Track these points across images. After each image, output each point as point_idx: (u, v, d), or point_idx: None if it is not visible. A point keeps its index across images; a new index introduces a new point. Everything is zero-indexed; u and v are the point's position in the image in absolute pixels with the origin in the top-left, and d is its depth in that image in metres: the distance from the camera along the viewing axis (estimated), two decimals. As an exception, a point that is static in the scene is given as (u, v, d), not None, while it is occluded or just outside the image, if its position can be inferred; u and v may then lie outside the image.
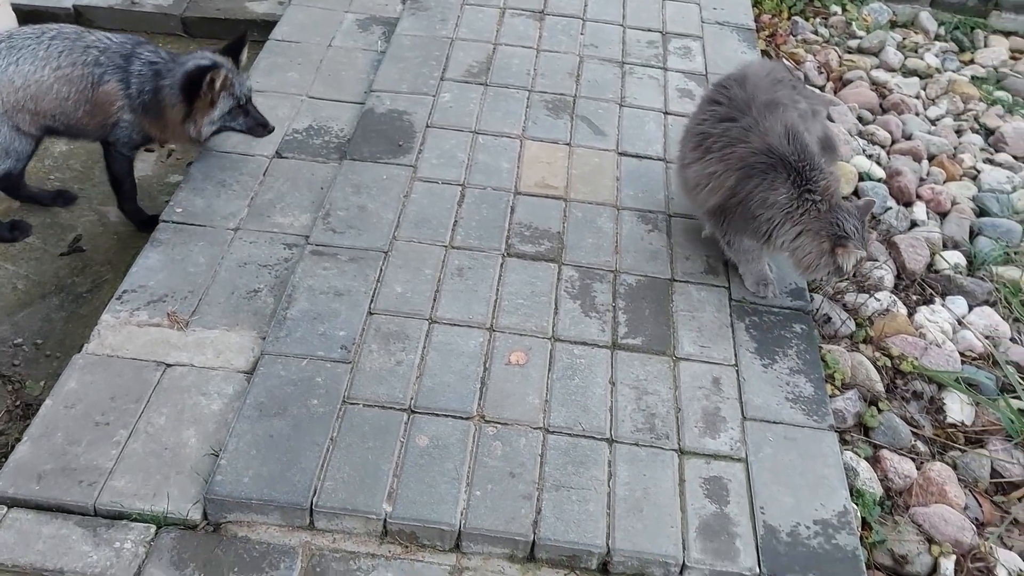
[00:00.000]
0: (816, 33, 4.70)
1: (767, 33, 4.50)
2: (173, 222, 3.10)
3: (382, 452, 2.38)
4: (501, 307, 2.84)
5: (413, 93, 3.70)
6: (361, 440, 2.41)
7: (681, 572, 2.26)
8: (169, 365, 2.62)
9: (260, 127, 3.22)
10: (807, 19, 4.79)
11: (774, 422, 2.59)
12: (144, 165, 3.64)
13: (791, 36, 4.61)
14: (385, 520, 2.26)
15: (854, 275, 3.03)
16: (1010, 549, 2.51)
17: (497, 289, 2.90)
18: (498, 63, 3.92)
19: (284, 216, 3.16)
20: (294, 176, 3.32)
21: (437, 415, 2.50)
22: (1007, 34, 4.95)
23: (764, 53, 4.28)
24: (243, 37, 3.20)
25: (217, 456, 2.36)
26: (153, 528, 2.24)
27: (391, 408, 2.50)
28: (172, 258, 2.96)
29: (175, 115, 3.06)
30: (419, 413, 2.50)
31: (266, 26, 4.20)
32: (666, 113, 3.76)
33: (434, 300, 2.83)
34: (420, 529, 2.26)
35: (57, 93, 2.99)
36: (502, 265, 3.00)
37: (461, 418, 2.50)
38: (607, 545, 2.25)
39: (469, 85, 3.75)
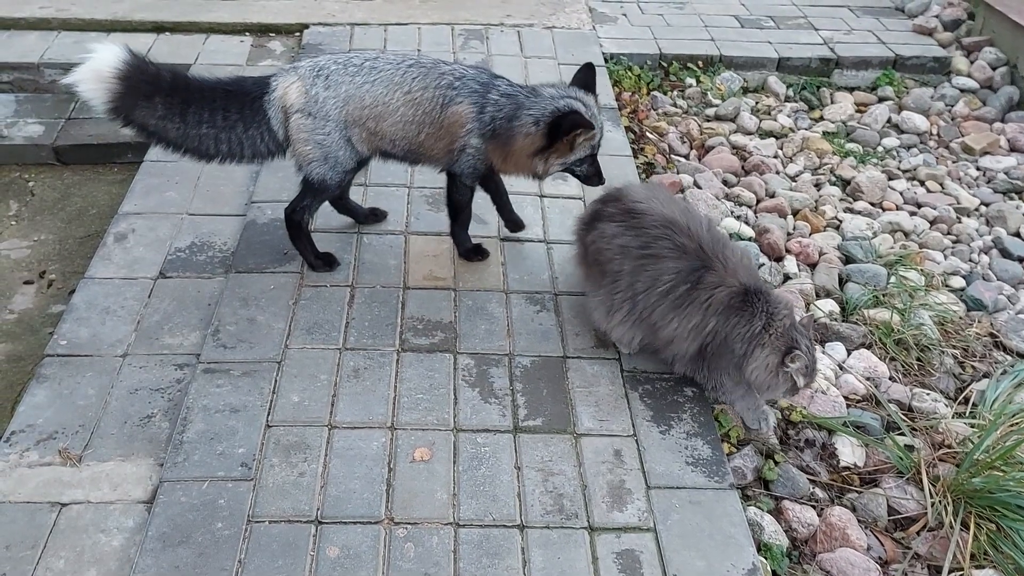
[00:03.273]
0: (675, 105, 4.96)
1: (629, 110, 4.71)
2: (58, 355, 3.03)
3: (293, 569, 2.34)
4: (400, 404, 2.86)
5: (294, 200, 3.72)
6: (270, 559, 2.36)
7: (603, 651, 2.28)
8: (64, 505, 2.55)
9: (596, 177, 3.22)
10: (665, 93, 5.05)
11: (678, 487, 2.66)
12: (24, 298, 3.55)
13: (652, 111, 4.84)
14: (302, 640, 2.22)
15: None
16: (914, 583, 2.62)
17: (395, 386, 2.92)
18: (375, 164, 3.97)
19: (173, 337, 3.12)
20: (180, 295, 3.30)
21: (346, 523, 2.48)
22: (850, 90, 5.31)
23: (628, 129, 4.48)
24: (590, 67, 3.22)
25: (121, 596, 2.28)
26: None
27: (298, 522, 2.47)
28: (59, 393, 2.89)
29: (527, 145, 3.08)
30: (327, 523, 2.47)
31: (141, 148, 4.18)
32: (542, 196, 3.90)
33: (332, 405, 2.83)
34: (339, 644, 2.23)
35: (402, 116, 3.11)
36: (398, 361, 3.02)
37: (370, 523, 2.48)
38: (528, 634, 2.26)
39: (354, 187, 3.81)
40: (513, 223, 3.64)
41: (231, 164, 3.26)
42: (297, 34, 5.23)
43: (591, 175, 3.21)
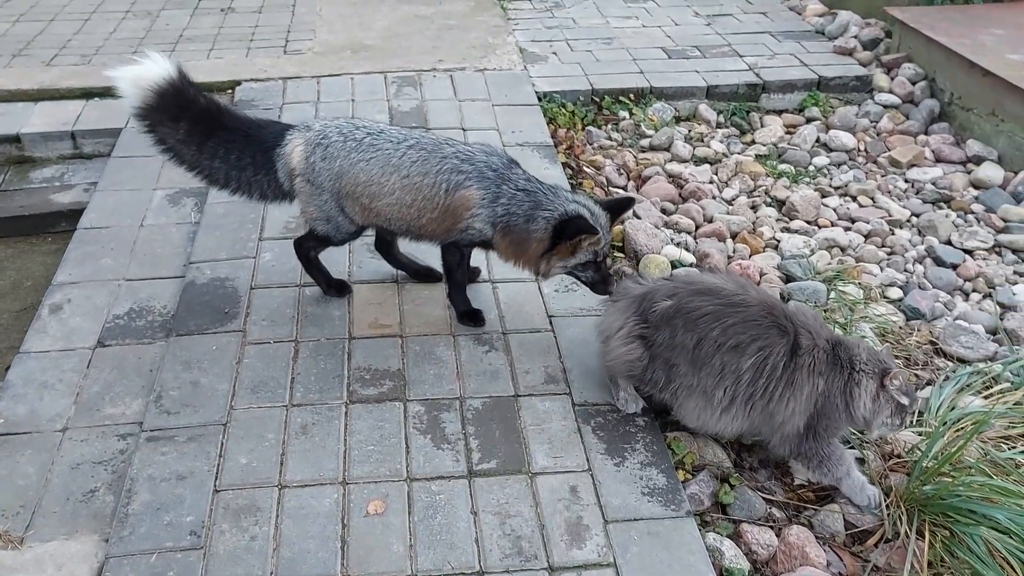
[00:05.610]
0: (610, 138, 5.02)
1: (565, 147, 4.77)
2: (-6, 435, 2.94)
3: (248, 637, 2.29)
4: (351, 457, 2.82)
5: (233, 258, 3.69)
6: (224, 629, 2.31)
7: None
8: (6, 591, 2.46)
9: (603, 284, 3.13)
10: (599, 127, 5.12)
11: (635, 519, 2.65)
12: (-44, 379, 3.45)
13: (588, 145, 4.90)
14: None
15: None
16: (876, 596, 2.63)
17: (345, 440, 2.88)
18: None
19: (114, 407, 3.05)
20: (120, 363, 3.23)
21: (301, 585, 2.43)
22: (779, 112, 5.44)
23: (565, 165, 4.53)
24: (631, 201, 3.32)
25: None
26: None
27: (251, 587, 2.41)
28: (-3, 474, 2.81)
29: (537, 248, 3.06)
30: (282, 587, 2.42)
31: (74, 215, 4.13)
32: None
33: (281, 464, 2.78)
34: None
35: (398, 199, 3.10)
36: (347, 414, 2.98)
37: (326, 583, 2.44)
38: None
39: (289, 241, 3.76)
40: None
41: (242, 197, 3.33)
42: (229, 91, 5.22)
43: (596, 282, 3.15)
